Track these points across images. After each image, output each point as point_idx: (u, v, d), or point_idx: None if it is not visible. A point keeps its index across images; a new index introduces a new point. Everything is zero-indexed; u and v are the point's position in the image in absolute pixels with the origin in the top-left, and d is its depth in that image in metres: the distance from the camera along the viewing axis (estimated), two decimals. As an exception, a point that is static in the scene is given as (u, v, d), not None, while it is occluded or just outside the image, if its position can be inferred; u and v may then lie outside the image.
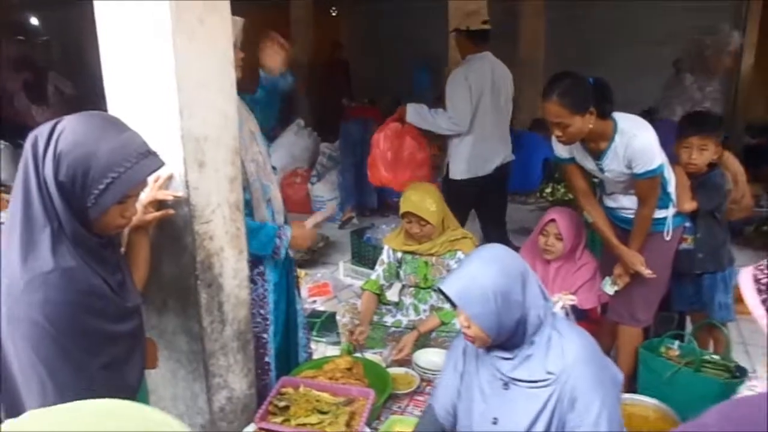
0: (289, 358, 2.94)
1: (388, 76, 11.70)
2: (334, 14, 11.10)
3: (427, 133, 4.65)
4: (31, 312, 1.46)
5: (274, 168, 2.73)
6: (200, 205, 2.12)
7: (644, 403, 2.86)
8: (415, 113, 4.52)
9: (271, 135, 6.22)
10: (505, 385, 1.97)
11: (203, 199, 2.12)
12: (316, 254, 5.89)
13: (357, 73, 11.72)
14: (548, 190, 7.60)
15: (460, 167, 4.65)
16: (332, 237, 6.43)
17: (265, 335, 2.72)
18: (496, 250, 1.97)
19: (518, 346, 1.94)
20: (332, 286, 5.18)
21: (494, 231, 4.87)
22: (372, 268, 5.04)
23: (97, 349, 1.57)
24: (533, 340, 1.93)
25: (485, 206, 4.84)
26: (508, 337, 1.92)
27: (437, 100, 5.27)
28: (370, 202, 7.42)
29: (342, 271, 5.58)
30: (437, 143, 5.25)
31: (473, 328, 1.92)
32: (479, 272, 1.89)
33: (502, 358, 1.97)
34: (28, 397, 1.53)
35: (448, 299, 1.99)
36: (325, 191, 7.19)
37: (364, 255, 5.50)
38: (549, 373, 1.90)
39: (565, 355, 1.89)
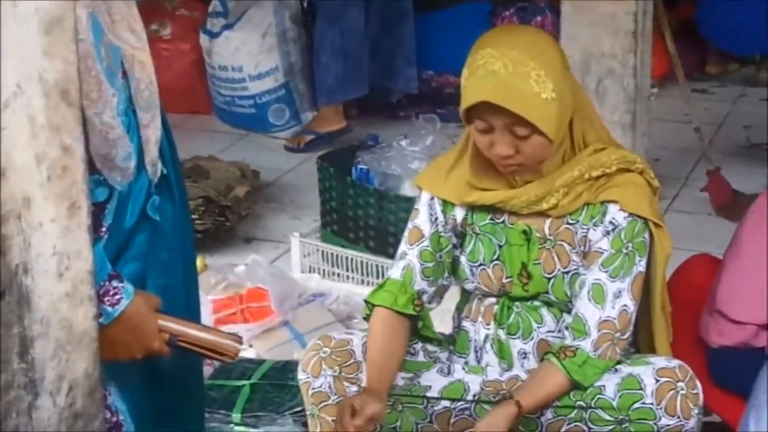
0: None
1: None
2: None
3: None
4: None
5: None
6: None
7: None
8: None
9: None
10: None
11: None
12: (231, 213, 3.09)
13: None
14: None
15: None
16: (275, 169, 3.56)
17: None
18: None
19: None
20: (276, 299, 2.52)
21: None
22: (376, 248, 3.12)
23: None
24: None
25: None
26: None
27: None
28: (398, 86, 4.10)
29: (299, 256, 2.92)
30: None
31: None
32: None
33: None
34: None
35: None
36: (247, 57, 3.79)
37: (355, 216, 3.22)
38: None
39: None
